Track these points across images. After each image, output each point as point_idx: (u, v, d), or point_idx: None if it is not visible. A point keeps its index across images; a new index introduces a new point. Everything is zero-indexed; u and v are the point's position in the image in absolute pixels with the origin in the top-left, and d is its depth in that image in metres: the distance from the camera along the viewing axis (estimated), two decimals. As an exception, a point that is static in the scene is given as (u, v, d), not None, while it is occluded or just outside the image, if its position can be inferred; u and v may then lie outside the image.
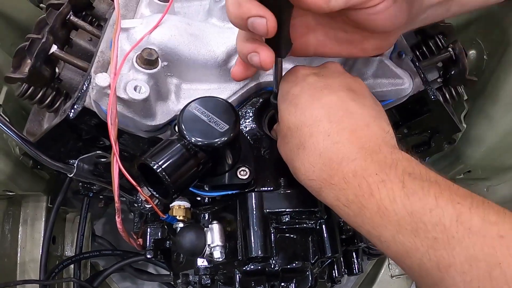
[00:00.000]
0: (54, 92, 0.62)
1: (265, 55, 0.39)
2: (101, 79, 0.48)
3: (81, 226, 0.94)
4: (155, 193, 0.46)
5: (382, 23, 0.41)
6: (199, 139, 0.45)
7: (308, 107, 0.43)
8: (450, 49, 0.65)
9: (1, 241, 0.87)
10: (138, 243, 0.65)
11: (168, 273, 1.03)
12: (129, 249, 1.00)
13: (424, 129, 0.71)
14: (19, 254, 0.90)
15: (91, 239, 1.02)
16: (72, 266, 0.94)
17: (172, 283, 1.03)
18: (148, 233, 0.62)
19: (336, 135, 0.40)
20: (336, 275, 0.66)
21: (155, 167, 0.42)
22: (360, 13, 0.40)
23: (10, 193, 0.83)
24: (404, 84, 0.58)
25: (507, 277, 0.27)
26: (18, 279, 0.87)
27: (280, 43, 0.41)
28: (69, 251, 0.98)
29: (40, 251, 0.88)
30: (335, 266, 0.66)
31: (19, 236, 0.91)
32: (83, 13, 0.70)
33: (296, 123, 0.43)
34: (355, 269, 0.69)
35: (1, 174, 0.74)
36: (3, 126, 0.52)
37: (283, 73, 0.49)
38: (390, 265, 1.05)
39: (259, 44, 0.40)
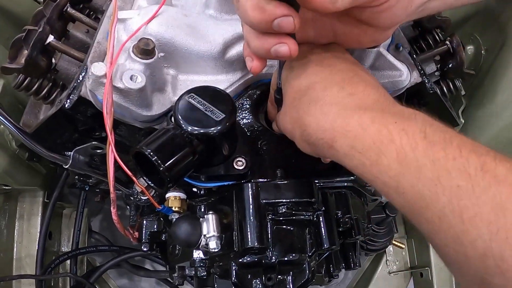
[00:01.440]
0: (51, 84, 0.62)
1: (294, 43, 0.39)
2: (97, 68, 0.48)
3: (77, 222, 0.93)
4: (150, 182, 0.45)
5: (384, 21, 0.42)
6: (194, 128, 0.44)
7: (319, 69, 0.43)
8: (447, 42, 0.65)
9: (-3, 236, 0.86)
10: (134, 236, 0.64)
11: (165, 269, 1.02)
12: (126, 245, 1.00)
13: (422, 123, 0.71)
14: (15, 249, 0.90)
15: (87, 235, 1.01)
16: (68, 262, 0.93)
17: (169, 279, 1.03)
18: (144, 226, 0.61)
19: (351, 88, 0.40)
20: (334, 269, 0.66)
21: (150, 155, 0.42)
22: (364, 11, 0.41)
23: (6, 188, 0.82)
24: (402, 75, 0.58)
25: None
26: (14, 274, 0.87)
27: None
28: (66, 247, 0.98)
29: (36, 247, 0.88)
30: (333, 260, 0.66)
31: (15, 231, 0.90)
32: (81, 6, 0.70)
33: (307, 84, 0.43)
34: (353, 263, 0.68)
35: (-3, 168, 0.73)
36: (0, 117, 0.52)
37: None
38: (388, 262, 1.05)
39: (283, 36, 0.39)
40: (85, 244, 0.99)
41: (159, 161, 0.42)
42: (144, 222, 0.61)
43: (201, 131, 0.44)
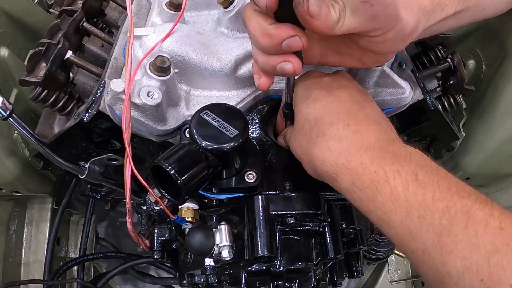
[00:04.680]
0: (67, 96, 0.64)
1: (298, 61, 0.42)
2: (116, 84, 0.50)
3: (85, 228, 0.95)
4: (166, 194, 0.48)
5: (381, 49, 0.45)
6: (209, 144, 0.47)
7: (327, 101, 0.47)
8: (449, 59, 0.68)
9: (6, 242, 0.88)
10: (146, 244, 0.66)
11: (170, 276, 1.04)
12: (131, 251, 1.02)
13: (424, 137, 0.73)
14: (23, 255, 0.91)
15: (95, 242, 1.03)
16: (75, 267, 0.95)
17: (173, 286, 1.04)
18: (156, 234, 0.63)
19: (355, 126, 0.44)
20: (337, 278, 0.68)
21: (168, 169, 0.44)
22: (362, 39, 0.44)
23: (17, 194, 0.84)
24: (405, 93, 0.60)
25: (503, 264, 0.30)
26: (22, 280, 0.88)
27: None
28: (73, 253, 1.00)
29: (45, 252, 0.89)
30: (337, 269, 0.68)
31: (24, 237, 0.92)
32: (94, 20, 0.73)
33: (315, 115, 0.46)
34: (356, 272, 0.70)
35: (10, 175, 0.75)
36: (20, 128, 0.54)
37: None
38: (389, 271, 1.06)
39: (288, 54, 0.42)
40: (92, 250, 1.00)
41: (176, 175, 0.44)
42: (156, 230, 0.63)
43: (216, 147, 0.47)
